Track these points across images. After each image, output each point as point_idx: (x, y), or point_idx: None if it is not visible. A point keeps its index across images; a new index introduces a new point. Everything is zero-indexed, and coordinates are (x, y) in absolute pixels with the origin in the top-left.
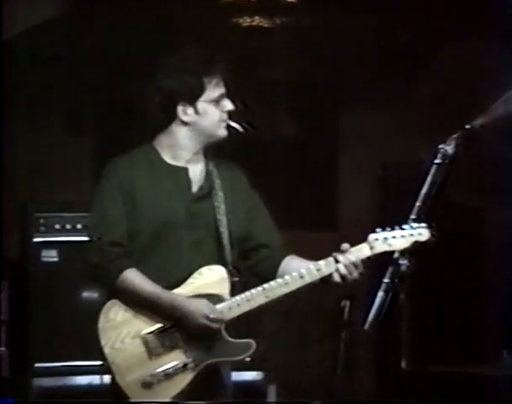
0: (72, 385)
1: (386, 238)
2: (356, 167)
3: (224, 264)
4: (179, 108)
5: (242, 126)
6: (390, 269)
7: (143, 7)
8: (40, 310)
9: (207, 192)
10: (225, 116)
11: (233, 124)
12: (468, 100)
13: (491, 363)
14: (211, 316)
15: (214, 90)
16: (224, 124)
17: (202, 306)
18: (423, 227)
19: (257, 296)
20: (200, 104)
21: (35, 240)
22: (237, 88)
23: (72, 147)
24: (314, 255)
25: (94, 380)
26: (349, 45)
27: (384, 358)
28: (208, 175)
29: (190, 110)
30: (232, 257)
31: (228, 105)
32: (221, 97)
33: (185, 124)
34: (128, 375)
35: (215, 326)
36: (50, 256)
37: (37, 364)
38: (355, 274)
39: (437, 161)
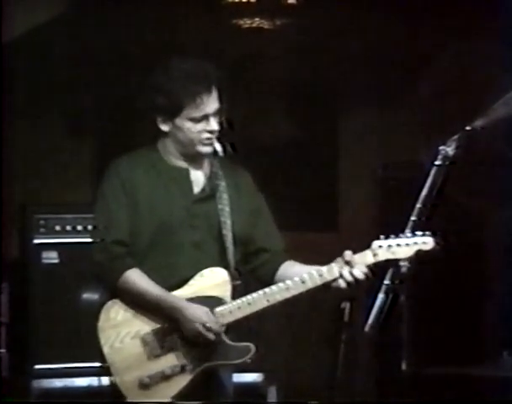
0: (72, 386)
1: (390, 246)
2: (356, 168)
3: (226, 267)
4: (158, 119)
5: (224, 149)
6: (390, 271)
7: (143, 7)
8: (40, 312)
9: (210, 193)
10: (207, 135)
11: (216, 145)
12: (468, 101)
13: (491, 364)
14: (208, 324)
15: (195, 110)
16: (206, 142)
17: (201, 313)
18: (427, 236)
19: (258, 300)
20: (178, 120)
21: (35, 241)
22: (235, 91)
23: (73, 148)
24: (314, 256)
25: (94, 381)
26: (350, 46)
27: (384, 359)
28: (212, 176)
29: (168, 123)
30: (235, 260)
31: (212, 126)
32: (204, 117)
33: (166, 133)
34: (126, 375)
35: (210, 336)
36: (51, 257)
37: (37, 366)
38: (361, 277)
39: (437, 162)
